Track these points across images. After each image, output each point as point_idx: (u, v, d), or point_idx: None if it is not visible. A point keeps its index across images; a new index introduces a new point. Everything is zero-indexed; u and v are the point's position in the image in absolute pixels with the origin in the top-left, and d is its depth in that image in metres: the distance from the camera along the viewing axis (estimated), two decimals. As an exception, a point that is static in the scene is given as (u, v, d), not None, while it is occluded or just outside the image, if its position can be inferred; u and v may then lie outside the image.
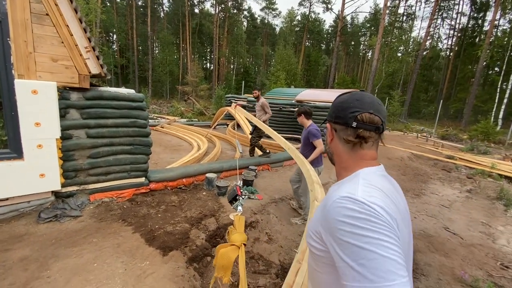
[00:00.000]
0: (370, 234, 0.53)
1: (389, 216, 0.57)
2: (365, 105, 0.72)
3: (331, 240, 0.59)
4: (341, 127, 0.77)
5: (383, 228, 0.54)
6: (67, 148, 2.98)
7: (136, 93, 3.43)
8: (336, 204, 0.60)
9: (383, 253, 0.51)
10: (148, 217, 3.10)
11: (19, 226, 2.71)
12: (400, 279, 0.49)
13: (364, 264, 0.51)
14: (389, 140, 11.60)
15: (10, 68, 2.56)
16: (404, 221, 0.64)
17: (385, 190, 0.64)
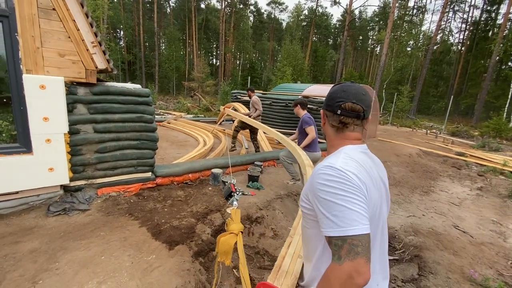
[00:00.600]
0: (341, 193, 0.70)
1: (359, 181, 0.73)
2: (349, 96, 0.86)
3: (314, 198, 0.76)
4: (330, 113, 0.92)
5: (352, 189, 0.70)
6: (75, 142, 3.01)
7: (143, 88, 3.44)
8: (320, 171, 0.76)
9: (351, 206, 0.68)
10: (155, 212, 3.13)
11: (28, 219, 2.76)
12: (361, 225, 0.67)
13: (337, 214, 0.68)
14: (397, 137, 11.42)
15: (18, 63, 2.58)
16: (376, 186, 0.80)
17: (360, 162, 0.80)
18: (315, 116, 7.81)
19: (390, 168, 6.63)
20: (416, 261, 3.06)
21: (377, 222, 0.81)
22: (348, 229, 0.66)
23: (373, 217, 0.77)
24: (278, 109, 9.51)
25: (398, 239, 3.58)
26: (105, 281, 2.01)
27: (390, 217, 4.16)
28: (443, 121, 17.61)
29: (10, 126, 2.76)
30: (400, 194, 5.26)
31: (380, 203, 0.82)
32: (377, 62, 44.42)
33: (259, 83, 35.80)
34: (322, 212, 0.72)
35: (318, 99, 7.99)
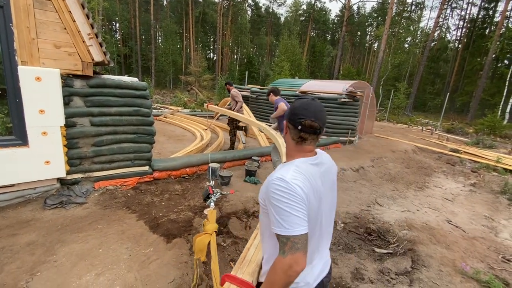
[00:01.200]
0: (288, 202, 0.88)
1: (303, 192, 0.90)
2: (309, 114, 0.99)
3: (268, 202, 0.95)
4: (292, 127, 1.05)
5: (296, 199, 0.88)
6: (71, 135, 2.99)
7: (140, 82, 3.41)
8: (273, 181, 0.93)
9: (294, 213, 0.87)
10: (152, 205, 3.14)
11: (25, 212, 2.75)
12: (301, 228, 0.86)
13: (283, 218, 0.87)
14: (393, 133, 11.51)
15: (13, 55, 2.54)
16: (316, 196, 0.97)
17: (307, 175, 0.96)
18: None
19: (386, 164, 6.70)
20: (410, 254, 3.12)
21: (315, 220, 1.00)
22: (291, 230, 0.86)
23: (312, 218, 0.97)
24: (275, 104, 9.50)
25: (392, 233, 3.64)
26: (103, 273, 2.02)
27: (385, 212, 4.22)
28: (438, 118, 17.76)
29: (5, 118, 2.74)
30: (395, 190, 5.33)
31: (319, 206, 1.00)
32: (375, 58, 44.38)
33: (256, 78, 35.59)
34: (273, 214, 0.91)
35: (316, 94, 8.00)
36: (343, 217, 3.93)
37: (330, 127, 7.44)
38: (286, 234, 0.86)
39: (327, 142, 6.96)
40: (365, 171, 5.96)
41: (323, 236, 1.11)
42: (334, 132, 7.43)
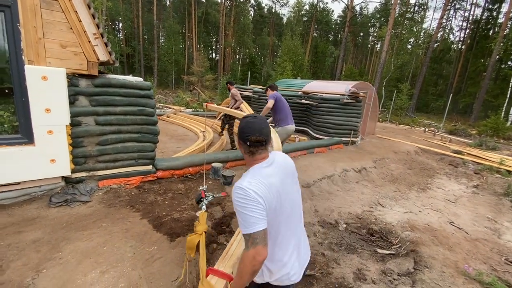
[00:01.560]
0: (245, 205, 1.05)
1: (257, 196, 1.06)
2: (254, 131, 1.17)
3: (234, 209, 1.11)
4: (243, 143, 1.21)
5: (252, 202, 1.05)
6: (76, 134, 3.02)
7: (144, 81, 3.44)
8: (234, 191, 1.10)
9: (251, 214, 1.04)
10: (156, 204, 3.16)
11: (31, 210, 2.78)
12: (258, 226, 1.03)
13: (244, 219, 1.05)
14: (395, 134, 11.48)
15: (20, 54, 2.57)
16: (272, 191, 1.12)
17: (261, 178, 1.12)
18: (315, 111, 7.84)
19: (388, 165, 6.69)
20: (412, 255, 3.13)
21: (279, 214, 1.17)
22: (250, 228, 1.03)
23: (274, 208, 1.13)
24: (278, 104, 9.50)
25: (394, 234, 3.64)
26: (108, 270, 2.05)
27: (387, 213, 4.22)
28: (441, 119, 17.70)
29: (12, 117, 2.76)
30: (398, 191, 5.32)
31: (283, 200, 1.18)
32: (377, 59, 44.24)
33: (258, 78, 35.58)
34: (238, 218, 1.09)
35: (318, 95, 8.00)
36: (346, 218, 3.94)
37: (332, 127, 7.43)
38: (247, 232, 1.05)
39: (329, 142, 6.96)
40: (368, 172, 5.95)
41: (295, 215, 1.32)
42: (336, 133, 7.42)
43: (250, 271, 1.05)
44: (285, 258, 1.22)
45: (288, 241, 1.25)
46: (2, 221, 2.55)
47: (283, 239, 1.22)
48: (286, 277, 1.23)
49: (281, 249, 1.21)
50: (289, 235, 1.26)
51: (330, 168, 5.43)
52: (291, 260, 1.25)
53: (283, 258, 1.22)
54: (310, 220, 3.73)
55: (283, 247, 1.22)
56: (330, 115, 7.46)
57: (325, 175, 5.04)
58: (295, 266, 1.26)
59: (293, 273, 1.25)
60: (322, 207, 4.11)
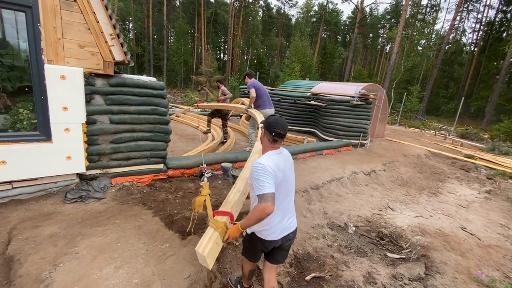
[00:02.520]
0: (262, 175, 1.51)
1: (271, 169, 1.53)
2: (280, 126, 1.65)
3: (252, 178, 1.58)
4: (268, 133, 1.69)
5: (268, 174, 1.51)
6: (91, 132, 3.09)
7: (157, 81, 3.49)
8: (254, 165, 1.57)
9: (266, 180, 1.50)
10: (167, 202, 3.20)
11: (47, 205, 2.86)
12: (269, 189, 1.48)
13: (260, 184, 1.50)
14: (405, 137, 11.32)
15: (40, 53, 2.65)
16: (280, 171, 1.62)
17: (275, 160, 1.62)
18: (324, 112, 7.80)
19: (398, 168, 6.61)
20: (423, 260, 3.08)
21: (282, 187, 1.67)
22: (264, 190, 1.48)
23: (278, 183, 1.60)
24: (286, 105, 9.51)
25: (405, 238, 3.60)
26: (122, 266, 2.09)
27: (397, 217, 4.18)
28: (452, 122, 17.36)
29: (30, 114, 2.84)
30: (408, 195, 5.25)
31: (284, 179, 1.67)
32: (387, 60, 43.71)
33: (266, 79, 35.59)
34: (255, 184, 1.55)
35: (328, 96, 7.96)
36: (355, 221, 3.91)
37: (342, 129, 7.38)
38: (262, 192, 1.48)
39: (339, 144, 6.91)
40: (377, 174, 5.90)
41: (289, 194, 1.78)
42: (345, 135, 7.37)
43: (258, 218, 1.50)
44: (269, 220, 1.64)
45: (277, 209, 1.65)
46: (20, 215, 2.64)
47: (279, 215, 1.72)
48: (266, 233, 1.72)
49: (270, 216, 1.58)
50: (278, 206, 1.67)
51: (339, 170, 5.40)
52: (274, 222, 1.71)
53: (269, 219, 1.59)
54: (319, 222, 3.73)
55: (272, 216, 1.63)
56: (339, 116, 7.41)
57: (334, 177, 5.02)
58: (276, 228, 1.72)
59: (272, 232, 1.72)
60: (331, 209, 4.09)
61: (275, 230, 1.71)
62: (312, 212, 3.94)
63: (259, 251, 1.86)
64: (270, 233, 1.70)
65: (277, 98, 9.80)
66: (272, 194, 1.47)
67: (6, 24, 2.72)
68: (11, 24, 2.72)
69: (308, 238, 3.32)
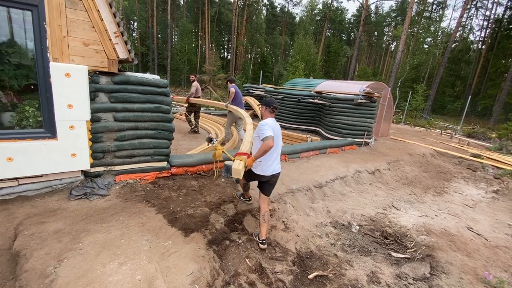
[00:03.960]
0: (265, 126, 2.69)
1: (270, 126, 2.72)
2: (273, 102, 2.89)
3: (258, 130, 2.78)
4: (267, 107, 2.87)
5: (268, 126, 2.69)
6: (96, 130, 3.11)
7: (161, 79, 3.50)
8: (261, 123, 2.79)
9: (268, 129, 2.65)
10: (170, 200, 3.22)
11: (52, 202, 2.89)
12: (269, 133, 2.62)
13: (265, 132, 2.64)
14: (410, 136, 11.20)
15: (45, 51, 2.67)
16: (275, 130, 2.78)
17: (272, 123, 2.81)
18: (328, 111, 7.74)
19: (402, 167, 6.54)
20: (428, 260, 3.05)
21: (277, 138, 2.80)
22: (268, 134, 2.59)
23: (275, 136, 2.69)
24: (290, 104, 9.47)
25: (409, 238, 3.56)
26: (126, 262, 2.10)
27: (402, 216, 4.13)
28: (459, 121, 17.12)
29: (36, 112, 2.87)
30: (413, 194, 5.20)
31: (276, 135, 2.73)
32: (392, 59, 43.23)
33: (270, 77, 35.53)
34: (260, 132, 2.69)
35: (332, 95, 7.90)
36: (359, 219, 3.89)
37: (345, 128, 7.32)
38: (266, 135, 2.58)
39: (342, 143, 6.87)
40: (381, 173, 5.85)
41: (277, 147, 2.88)
42: (349, 134, 7.31)
43: (264, 150, 2.55)
44: (264, 161, 2.80)
45: (270, 155, 2.80)
46: (26, 211, 2.67)
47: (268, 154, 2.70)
48: (260, 170, 2.85)
49: (265, 157, 2.75)
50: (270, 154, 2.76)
51: (343, 169, 5.37)
52: (267, 164, 2.84)
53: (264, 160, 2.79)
54: (322, 221, 3.71)
55: (267, 157, 2.78)
56: (343, 115, 7.36)
57: (338, 175, 4.99)
58: (268, 168, 2.85)
59: (266, 169, 2.85)
60: (335, 208, 4.07)
61: (266, 169, 2.84)
62: (316, 210, 3.93)
63: (251, 179, 3.06)
64: (264, 170, 2.85)
65: (280, 96, 9.77)
66: (271, 136, 2.59)
67: (13, 24, 2.75)
68: (18, 23, 2.75)
69: (311, 236, 3.30)
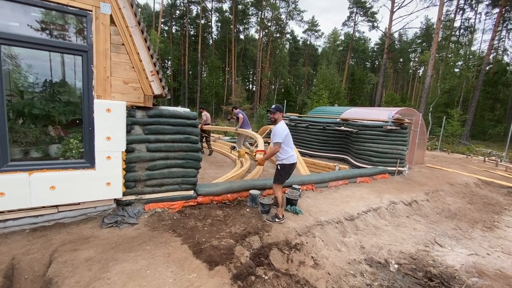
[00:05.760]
0: (277, 132, 3.60)
1: (282, 129, 3.62)
2: (282, 109, 3.82)
3: (273, 133, 3.72)
4: (279, 112, 3.75)
5: (280, 132, 3.59)
6: (130, 160, 3.30)
7: (191, 112, 3.70)
8: (275, 127, 3.68)
9: (278, 135, 3.58)
10: (195, 230, 3.20)
11: (86, 229, 3.02)
12: (278, 139, 3.57)
13: (275, 137, 3.60)
14: (449, 164, 10.37)
15: (91, 90, 2.99)
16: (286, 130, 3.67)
17: (283, 125, 3.70)
18: (356, 138, 7.51)
19: (443, 198, 5.98)
20: (486, 309, 2.61)
21: (289, 137, 3.68)
22: (278, 139, 3.54)
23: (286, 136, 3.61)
24: (315, 131, 9.40)
25: (458, 280, 3.12)
26: (150, 295, 2.06)
27: (447, 254, 3.68)
28: (503, 147, 15.62)
29: (79, 144, 3.14)
30: (458, 229, 4.66)
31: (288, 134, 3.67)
32: (420, 84, 42.03)
33: (293, 106, 36.05)
34: (273, 137, 3.66)
35: (359, 122, 7.74)
36: (397, 257, 3.52)
37: (376, 156, 7.00)
38: (275, 141, 3.54)
39: (373, 171, 6.53)
40: (419, 205, 5.37)
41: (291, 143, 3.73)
42: (380, 162, 6.96)
43: (272, 153, 3.62)
44: (287, 154, 3.63)
45: (289, 148, 3.66)
46: (62, 238, 2.80)
47: (288, 147, 3.63)
48: (288, 160, 3.64)
49: (287, 150, 3.62)
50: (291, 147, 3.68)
51: (376, 200, 5.03)
52: (289, 154, 3.63)
53: (287, 153, 3.63)
54: (355, 257, 3.41)
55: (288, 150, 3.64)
56: (372, 142, 7.09)
57: (370, 207, 4.67)
58: (291, 157, 3.65)
59: (291, 160, 3.66)
60: (369, 243, 3.75)
61: (291, 158, 3.66)
62: (348, 245, 3.65)
63: (288, 174, 3.78)
64: (291, 160, 3.66)
65: (305, 124, 9.77)
66: (279, 143, 3.51)
67: (66, 66, 3.16)
68: (69, 66, 3.15)
69: (343, 275, 3.03)
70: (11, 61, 2.85)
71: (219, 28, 43.88)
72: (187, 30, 39.32)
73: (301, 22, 43.67)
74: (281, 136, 3.53)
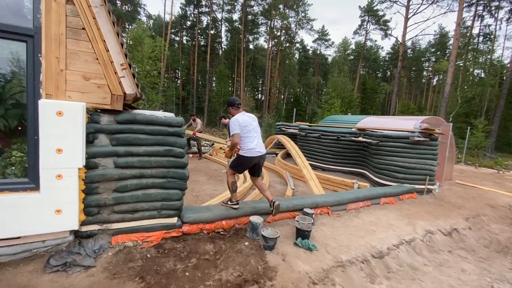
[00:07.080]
0: (233, 124, 3.45)
1: (239, 122, 3.47)
2: (236, 100, 3.68)
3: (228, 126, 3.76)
4: (232, 105, 3.67)
5: (236, 123, 3.45)
6: (91, 179, 2.53)
7: (175, 117, 2.93)
8: (231, 120, 3.52)
9: (234, 126, 3.44)
10: (173, 276, 2.35)
11: (24, 274, 2.23)
12: (235, 131, 3.43)
13: (231, 129, 3.47)
14: (480, 180, 9.18)
15: (38, 87, 2.27)
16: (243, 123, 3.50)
17: (239, 117, 3.54)
18: (375, 150, 6.53)
19: (487, 225, 4.91)
20: None
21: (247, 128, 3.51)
22: (234, 131, 3.41)
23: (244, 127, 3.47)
24: (328, 142, 8.49)
25: None
26: None
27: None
28: (536, 161, 14.13)
29: (24, 157, 2.41)
30: (518, 269, 3.61)
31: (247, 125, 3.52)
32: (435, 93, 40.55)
33: (303, 115, 35.20)
34: (229, 130, 3.57)
35: (378, 132, 6.80)
36: (450, 319, 2.55)
37: (400, 171, 6.00)
38: (233, 133, 3.39)
39: (399, 191, 5.53)
40: (461, 235, 4.35)
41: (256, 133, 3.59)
42: (405, 178, 5.95)
43: (232, 145, 3.44)
44: (249, 146, 3.48)
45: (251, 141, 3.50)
46: (-15, 288, 2.02)
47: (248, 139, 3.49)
48: (248, 153, 3.47)
49: (247, 142, 3.48)
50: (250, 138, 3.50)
51: (407, 228, 4.06)
52: (251, 146, 3.48)
53: (248, 146, 3.48)
54: (392, 318, 2.46)
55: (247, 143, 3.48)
56: (396, 156, 6.11)
57: (402, 239, 3.71)
58: (253, 151, 3.49)
59: (252, 153, 3.48)
60: (408, 294, 2.79)
61: (252, 152, 3.47)
62: (379, 297, 2.70)
63: (245, 167, 3.61)
64: (250, 153, 3.47)
65: (317, 134, 8.88)
66: (238, 134, 3.39)
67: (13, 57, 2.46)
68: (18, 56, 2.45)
69: None
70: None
71: (229, 38, 43.99)
72: (197, 40, 39.53)
73: (310, 30, 43.20)
74: (235, 128, 3.39)
